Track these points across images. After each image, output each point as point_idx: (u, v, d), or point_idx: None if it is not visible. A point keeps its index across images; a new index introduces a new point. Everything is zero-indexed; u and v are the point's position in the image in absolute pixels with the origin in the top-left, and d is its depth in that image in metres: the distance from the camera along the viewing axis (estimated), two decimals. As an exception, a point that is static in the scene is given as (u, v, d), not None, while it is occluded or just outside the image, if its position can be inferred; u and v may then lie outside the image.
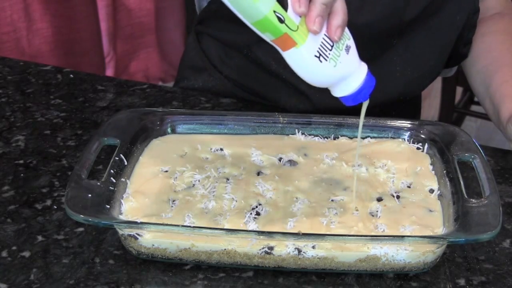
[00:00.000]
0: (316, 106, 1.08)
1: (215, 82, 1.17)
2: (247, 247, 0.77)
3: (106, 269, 0.79)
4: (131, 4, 2.36)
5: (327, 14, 0.69)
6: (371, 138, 0.94)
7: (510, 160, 1.00)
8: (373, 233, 0.78)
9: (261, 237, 0.76)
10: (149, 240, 0.78)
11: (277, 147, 0.93)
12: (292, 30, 0.67)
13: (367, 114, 0.97)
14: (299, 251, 0.77)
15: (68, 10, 2.15)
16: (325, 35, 0.69)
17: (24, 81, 1.19)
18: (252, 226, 0.78)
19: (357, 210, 0.82)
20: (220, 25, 1.13)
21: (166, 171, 0.88)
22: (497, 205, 0.77)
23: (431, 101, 2.50)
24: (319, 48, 0.69)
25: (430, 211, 0.82)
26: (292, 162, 0.90)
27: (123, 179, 0.85)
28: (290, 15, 0.67)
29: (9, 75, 1.21)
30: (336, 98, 1.08)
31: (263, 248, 0.77)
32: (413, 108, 1.23)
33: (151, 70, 2.61)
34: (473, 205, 0.78)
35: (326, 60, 0.69)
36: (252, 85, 1.13)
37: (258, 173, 0.88)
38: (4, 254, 0.81)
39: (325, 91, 1.09)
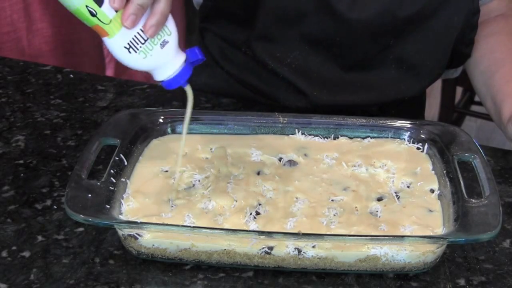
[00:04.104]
0: (314, 104, 1.08)
1: (216, 78, 1.17)
2: (247, 247, 0.77)
3: (106, 269, 0.79)
4: (132, 4, 2.35)
5: (143, 13, 0.75)
6: (371, 138, 0.94)
7: (510, 160, 1.00)
8: (373, 233, 0.78)
9: (261, 237, 0.76)
10: (149, 240, 0.78)
11: (277, 147, 0.93)
12: (104, 23, 0.75)
13: (366, 114, 0.98)
14: (299, 251, 0.77)
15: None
16: (141, 30, 0.76)
17: (24, 81, 1.19)
18: (252, 226, 0.78)
19: (357, 210, 0.82)
20: (219, 22, 1.13)
21: (166, 171, 0.88)
22: (497, 205, 0.77)
23: (431, 101, 2.49)
24: (131, 41, 0.76)
25: (430, 211, 0.82)
26: (292, 162, 0.90)
27: (123, 179, 0.85)
28: (105, 10, 0.75)
29: (9, 75, 1.21)
30: (334, 96, 1.09)
31: (263, 248, 0.77)
32: (416, 107, 1.23)
33: (151, 70, 2.60)
34: (473, 205, 0.78)
35: (135, 52, 0.77)
36: (252, 81, 1.13)
37: (258, 173, 0.88)
38: (4, 254, 0.81)
39: (322, 90, 1.09)
